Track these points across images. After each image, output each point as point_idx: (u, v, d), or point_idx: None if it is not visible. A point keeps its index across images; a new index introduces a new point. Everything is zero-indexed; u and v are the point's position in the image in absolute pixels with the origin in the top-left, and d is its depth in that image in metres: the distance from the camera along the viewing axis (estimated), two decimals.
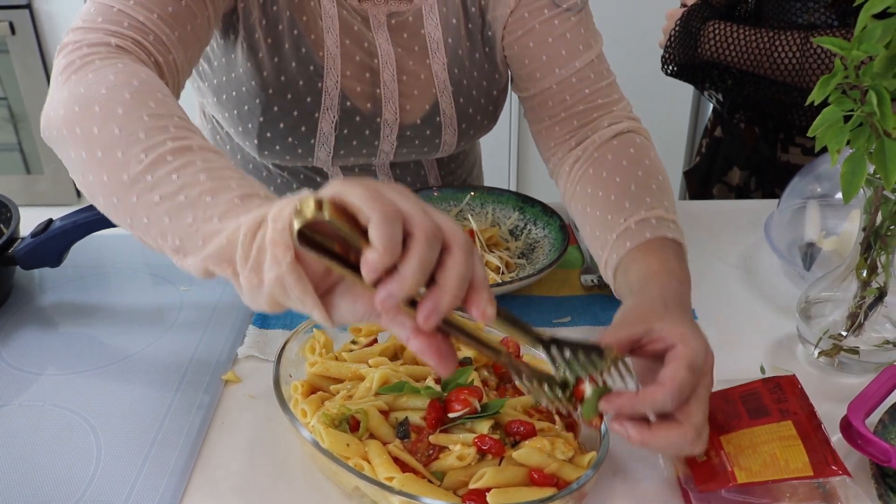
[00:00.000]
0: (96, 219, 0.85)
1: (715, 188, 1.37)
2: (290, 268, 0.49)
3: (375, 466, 0.59)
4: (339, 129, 0.93)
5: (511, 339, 0.72)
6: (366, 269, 0.47)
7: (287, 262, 0.49)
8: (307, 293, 0.50)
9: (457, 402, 0.63)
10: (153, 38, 0.71)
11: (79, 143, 0.62)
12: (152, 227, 0.59)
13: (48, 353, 0.82)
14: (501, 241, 0.97)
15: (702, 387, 0.61)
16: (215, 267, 0.54)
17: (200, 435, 0.71)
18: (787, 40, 1.11)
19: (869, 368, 0.76)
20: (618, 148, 0.87)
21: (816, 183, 0.99)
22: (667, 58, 1.25)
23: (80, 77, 0.65)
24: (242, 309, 0.88)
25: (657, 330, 0.63)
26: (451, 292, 0.49)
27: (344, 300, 0.52)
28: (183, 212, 0.56)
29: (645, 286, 0.71)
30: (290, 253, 0.49)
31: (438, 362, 0.51)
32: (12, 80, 2.39)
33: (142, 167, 0.58)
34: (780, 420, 0.65)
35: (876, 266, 0.73)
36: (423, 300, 0.49)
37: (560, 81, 0.91)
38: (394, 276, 0.47)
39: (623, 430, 0.60)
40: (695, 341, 0.61)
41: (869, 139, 0.63)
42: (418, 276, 0.47)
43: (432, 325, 0.49)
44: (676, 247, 0.76)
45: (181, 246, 0.57)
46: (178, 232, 0.57)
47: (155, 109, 0.62)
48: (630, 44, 2.28)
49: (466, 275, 0.49)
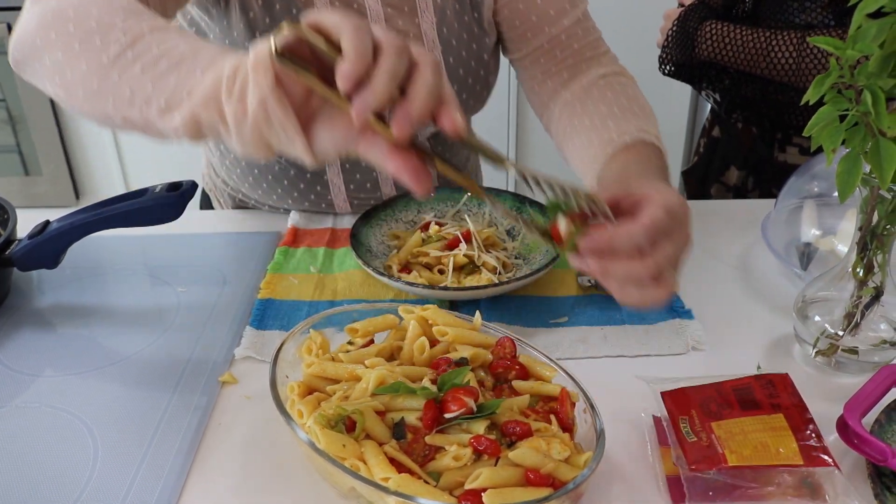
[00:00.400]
0: (94, 220, 0.85)
1: (713, 188, 1.37)
2: (270, 87, 0.52)
3: (371, 467, 0.59)
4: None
5: (508, 339, 0.72)
6: (340, 79, 0.50)
7: (268, 82, 0.52)
8: (288, 117, 0.53)
9: (453, 402, 0.63)
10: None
11: (54, 46, 0.64)
12: (136, 97, 0.60)
13: (45, 354, 0.82)
14: (499, 242, 0.97)
15: (676, 233, 0.63)
16: (202, 110, 0.56)
17: (197, 436, 0.71)
18: (784, 40, 1.11)
19: (865, 368, 0.76)
20: (603, 86, 0.93)
21: (813, 182, 0.99)
22: (664, 57, 1.25)
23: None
24: (240, 310, 0.88)
25: (635, 188, 0.64)
26: (421, 101, 0.51)
27: (323, 129, 0.54)
28: (166, 76, 0.59)
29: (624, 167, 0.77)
30: (270, 73, 0.52)
31: (414, 181, 0.53)
32: (10, 81, 2.39)
33: (121, 47, 0.61)
34: (772, 413, 0.66)
35: (872, 265, 0.73)
36: (396, 111, 0.52)
37: (550, 39, 0.96)
38: (366, 86, 0.50)
39: (583, 264, 0.61)
40: (671, 194, 0.63)
41: (864, 139, 0.63)
42: (389, 83, 0.50)
43: (405, 134, 0.52)
44: (655, 149, 0.81)
45: (166, 105, 0.59)
46: (164, 93, 0.59)
47: (128, 6, 0.65)
48: (627, 43, 2.27)
49: (434, 87, 0.52)
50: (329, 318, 0.75)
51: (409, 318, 0.73)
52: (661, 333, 0.83)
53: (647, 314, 0.86)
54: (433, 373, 0.69)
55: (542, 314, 0.87)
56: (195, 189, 0.85)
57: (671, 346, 0.81)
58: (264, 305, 0.88)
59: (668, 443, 0.67)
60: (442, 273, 0.91)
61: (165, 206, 0.84)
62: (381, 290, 0.91)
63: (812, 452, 0.62)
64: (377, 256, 0.95)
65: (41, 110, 2.43)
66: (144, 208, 0.84)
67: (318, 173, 1.07)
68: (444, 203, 1.03)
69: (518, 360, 0.71)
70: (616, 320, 0.85)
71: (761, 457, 0.62)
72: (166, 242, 1.02)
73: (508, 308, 0.88)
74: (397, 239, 0.98)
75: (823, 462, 0.62)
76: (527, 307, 0.88)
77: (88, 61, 0.62)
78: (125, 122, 0.64)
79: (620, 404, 0.73)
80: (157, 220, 0.85)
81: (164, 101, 0.59)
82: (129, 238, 1.01)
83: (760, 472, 0.62)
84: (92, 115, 0.66)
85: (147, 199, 0.84)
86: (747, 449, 0.63)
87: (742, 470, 0.62)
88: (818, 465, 0.62)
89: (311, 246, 1.00)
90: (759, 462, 0.62)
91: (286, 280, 0.93)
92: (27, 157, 2.51)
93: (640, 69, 2.33)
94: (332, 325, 0.75)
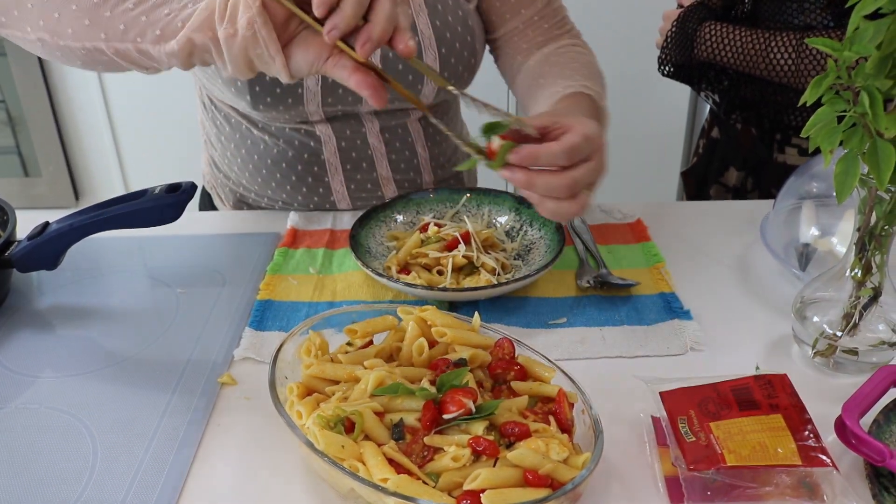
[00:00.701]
0: (93, 221, 0.85)
1: (712, 189, 1.37)
2: (258, 10, 0.63)
3: (370, 468, 0.59)
4: None
5: (507, 340, 0.72)
6: (316, 6, 0.63)
7: (257, 6, 0.63)
8: (271, 36, 0.65)
9: (451, 403, 0.63)
10: None
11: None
12: (130, 30, 0.70)
13: (45, 355, 0.82)
14: (497, 243, 0.97)
15: (592, 157, 0.74)
16: (196, 34, 0.67)
17: (197, 437, 0.71)
18: (783, 41, 1.11)
19: (864, 369, 0.76)
20: (562, 53, 1.05)
21: (812, 183, 0.99)
22: (663, 58, 1.25)
23: None
24: (239, 311, 0.88)
25: (562, 120, 0.75)
26: (381, 24, 0.64)
27: (298, 49, 0.67)
28: (157, 9, 0.69)
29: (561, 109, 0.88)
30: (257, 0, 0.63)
31: (372, 94, 0.67)
32: (10, 83, 2.40)
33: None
34: (770, 413, 0.66)
35: (871, 266, 0.73)
36: (360, 34, 0.64)
37: (525, 20, 1.07)
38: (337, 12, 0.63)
39: (511, 175, 0.72)
40: (591, 125, 0.74)
41: (862, 140, 0.63)
42: (356, 8, 0.63)
43: (367, 53, 0.64)
44: (593, 101, 0.92)
45: (161, 34, 0.69)
46: (158, 24, 0.69)
47: None
48: (627, 44, 2.28)
49: (392, 15, 0.64)
50: (328, 319, 0.75)
51: (408, 319, 0.73)
52: (660, 334, 0.83)
53: (646, 315, 0.86)
54: (432, 374, 0.69)
55: (540, 315, 0.87)
56: (194, 190, 0.85)
57: (669, 347, 0.81)
58: (263, 306, 0.88)
59: (667, 443, 0.67)
60: (441, 274, 0.91)
61: (165, 208, 0.84)
62: (381, 291, 0.91)
63: (810, 453, 0.63)
64: (376, 258, 0.95)
65: (41, 111, 2.43)
66: (144, 209, 0.84)
67: (320, 176, 1.07)
68: (443, 204, 1.03)
69: (517, 361, 0.71)
70: (614, 321, 0.85)
71: (760, 457, 0.62)
72: (165, 243, 1.02)
73: (507, 309, 0.88)
74: (396, 240, 0.98)
75: (822, 462, 0.62)
76: (525, 308, 0.88)
77: (78, 3, 0.69)
78: (116, 54, 0.72)
79: (619, 405, 0.73)
80: (157, 222, 0.85)
81: (160, 30, 0.68)
82: (128, 239, 1.02)
83: (759, 472, 0.62)
84: (78, 52, 0.73)
85: (146, 201, 0.84)
86: (746, 449, 0.63)
87: (740, 470, 0.62)
88: (816, 466, 0.62)
89: (310, 247, 1.00)
90: (757, 462, 0.62)
91: (285, 281, 0.93)
92: (26, 159, 2.52)
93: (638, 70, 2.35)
94: (331, 326, 0.75)
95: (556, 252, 0.90)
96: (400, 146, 1.10)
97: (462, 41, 1.03)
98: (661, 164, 2.48)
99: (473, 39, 1.05)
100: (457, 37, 1.02)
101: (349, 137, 1.07)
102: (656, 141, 2.44)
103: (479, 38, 1.07)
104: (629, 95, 2.36)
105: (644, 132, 2.41)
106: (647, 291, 0.90)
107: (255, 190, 1.13)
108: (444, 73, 1.02)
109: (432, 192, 1.03)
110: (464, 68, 1.05)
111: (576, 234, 1.01)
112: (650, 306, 0.88)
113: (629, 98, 2.36)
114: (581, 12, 2.21)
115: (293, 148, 1.07)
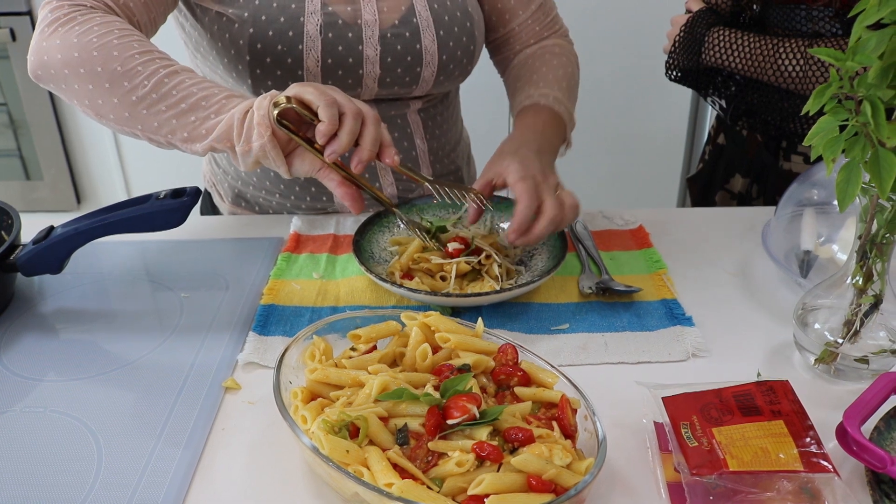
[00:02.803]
0: (98, 226, 0.85)
1: (717, 195, 1.37)
2: (269, 139, 0.80)
3: (375, 473, 0.60)
4: (325, 34, 1.00)
5: (510, 345, 0.72)
6: (319, 136, 0.80)
7: (267, 135, 0.80)
8: (278, 155, 0.82)
9: (455, 408, 0.64)
10: (122, 2, 0.91)
11: (84, 79, 0.84)
12: (162, 128, 0.84)
13: (49, 359, 0.82)
14: (501, 248, 0.97)
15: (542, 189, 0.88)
16: (218, 144, 0.82)
17: (201, 441, 0.71)
18: (791, 48, 1.11)
19: (865, 376, 0.77)
20: (537, 55, 1.14)
21: (813, 191, 0.99)
22: (671, 63, 1.25)
23: (69, 29, 0.85)
24: (242, 316, 0.88)
25: (499, 172, 0.92)
26: (368, 148, 0.82)
27: (297, 160, 0.84)
28: (186, 114, 0.83)
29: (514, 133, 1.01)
30: (269, 130, 0.80)
31: (352, 204, 0.83)
32: (13, 86, 2.40)
33: (146, 90, 0.83)
34: (772, 419, 0.66)
35: (872, 274, 0.73)
36: (353, 156, 0.82)
37: (521, 23, 1.15)
38: (335, 140, 0.81)
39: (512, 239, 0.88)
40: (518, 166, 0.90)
41: (864, 149, 0.64)
42: (350, 137, 0.80)
43: (360, 170, 0.82)
44: (549, 111, 1.04)
45: (188, 137, 0.83)
46: (186, 128, 0.83)
47: (140, 48, 0.84)
48: (629, 49, 2.29)
49: (377, 137, 0.82)
50: (332, 325, 0.76)
51: (412, 324, 0.74)
52: (662, 340, 0.84)
53: (648, 321, 0.86)
54: (436, 379, 0.69)
55: (543, 321, 0.87)
56: (199, 195, 0.85)
57: (671, 353, 0.82)
58: (267, 311, 0.89)
59: (669, 448, 0.68)
60: (444, 280, 0.92)
61: (169, 212, 0.84)
62: (384, 297, 0.91)
63: (812, 459, 0.63)
64: (379, 263, 0.95)
65: (43, 115, 2.43)
66: (148, 214, 0.84)
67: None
68: (446, 210, 1.04)
69: (520, 367, 0.71)
70: (617, 327, 0.86)
71: (762, 462, 0.63)
72: (169, 248, 1.02)
73: (510, 315, 0.88)
74: (399, 245, 0.99)
75: (823, 468, 0.62)
76: (528, 314, 0.88)
77: (119, 98, 0.83)
78: (150, 141, 0.86)
79: (621, 410, 0.73)
80: (162, 226, 0.85)
81: (187, 134, 0.83)
82: (131, 244, 1.02)
83: (761, 477, 0.63)
84: (119, 131, 0.87)
85: (151, 206, 0.84)
86: (748, 454, 0.63)
87: (742, 475, 0.62)
88: (818, 472, 0.62)
89: (313, 252, 1.01)
90: (759, 467, 0.62)
91: (289, 286, 0.94)
92: (28, 162, 2.52)
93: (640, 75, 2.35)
94: (334, 331, 0.76)
95: (558, 258, 0.91)
96: (399, 136, 1.12)
97: (461, 26, 1.06)
98: (662, 170, 2.49)
99: (472, 26, 1.07)
100: (455, 21, 1.05)
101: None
102: (658, 147, 2.44)
103: (478, 27, 1.09)
104: (631, 99, 2.37)
105: (646, 138, 2.42)
106: (649, 298, 0.91)
107: (252, 183, 1.14)
108: (444, 56, 1.05)
109: (436, 199, 1.04)
110: (462, 54, 1.07)
111: (578, 240, 1.02)
112: (652, 313, 0.88)
113: (631, 101, 2.37)
114: (586, 18, 2.24)
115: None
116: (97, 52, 0.83)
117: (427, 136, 1.14)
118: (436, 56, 1.05)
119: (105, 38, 0.83)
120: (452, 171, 1.21)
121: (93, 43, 0.83)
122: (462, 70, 1.10)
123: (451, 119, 1.21)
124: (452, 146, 1.21)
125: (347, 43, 1.01)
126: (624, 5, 2.25)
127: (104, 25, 0.85)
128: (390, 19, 1.03)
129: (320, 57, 1.00)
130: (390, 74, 1.05)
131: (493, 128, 2.03)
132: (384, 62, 1.03)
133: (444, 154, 1.18)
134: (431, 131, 1.15)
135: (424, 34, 1.03)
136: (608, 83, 2.31)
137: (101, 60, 0.83)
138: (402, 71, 1.05)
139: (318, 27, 1.00)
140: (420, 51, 1.04)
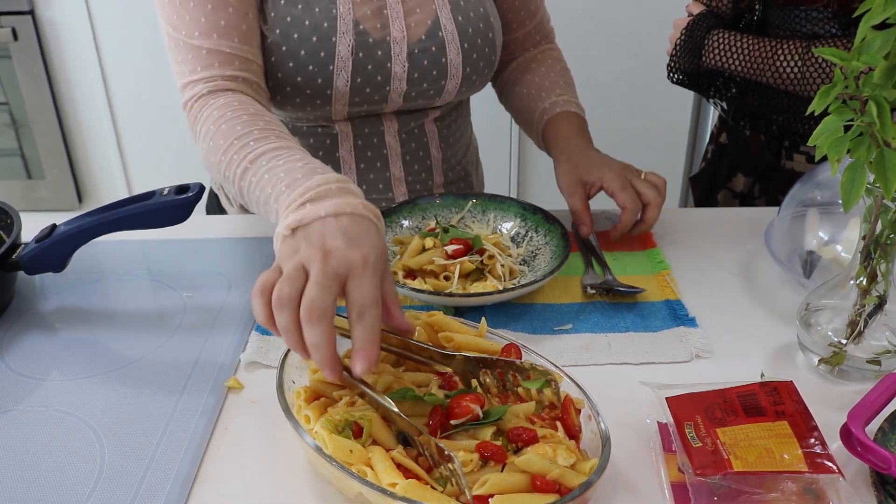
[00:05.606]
0: (101, 223, 0.85)
1: (720, 194, 1.37)
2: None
3: (378, 472, 0.60)
4: (356, 54, 0.99)
5: (514, 345, 0.72)
6: (361, 371, 0.64)
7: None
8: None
9: (459, 408, 0.64)
10: (239, 62, 0.94)
11: (208, 147, 0.88)
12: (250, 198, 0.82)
13: (51, 358, 0.82)
14: (504, 248, 0.97)
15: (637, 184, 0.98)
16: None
17: (204, 441, 0.71)
18: (789, 49, 1.12)
19: (869, 376, 0.77)
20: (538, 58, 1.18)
21: (816, 191, 0.99)
22: (672, 66, 1.26)
23: (196, 134, 0.91)
24: (245, 315, 0.88)
25: (588, 182, 0.99)
26: (368, 350, 0.64)
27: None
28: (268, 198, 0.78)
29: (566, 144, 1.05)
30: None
31: (331, 377, 0.65)
32: (14, 85, 2.40)
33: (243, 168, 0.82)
34: (776, 420, 0.66)
35: (876, 274, 0.73)
36: (353, 360, 0.64)
37: (525, 32, 1.18)
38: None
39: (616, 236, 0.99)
40: (609, 172, 0.98)
41: (869, 149, 0.64)
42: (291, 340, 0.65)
43: (365, 374, 0.64)
44: (578, 117, 1.09)
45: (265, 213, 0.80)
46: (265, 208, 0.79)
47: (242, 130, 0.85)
48: (631, 50, 2.29)
49: (374, 335, 0.64)
50: None
51: (415, 324, 0.74)
52: (665, 341, 0.83)
53: (652, 322, 0.86)
54: (440, 379, 0.69)
55: (546, 321, 0.87)
56: (203, 191, 0.85)
57: (675, 354, 0.82)
58: None
59: (673, 449, 0.67)
60: (447, 279, 0.91)
61: (173, 209, 0.84)
62: None
63: (816, 459, 0.63)
64: None
65: (44, 114, 2.43)
66: (152, 211, 0.84)
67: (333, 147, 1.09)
68: (449, 209, 1.04)
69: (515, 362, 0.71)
70: (620, 328, 0.86)
71: (766, 463, 0.63)
72: (171, 247, 1.02)
73: (513, 315, 0.88)
74: (402, 245, 0.99)
75: (827, 469, 0.62)
76: (531, 314, 0.88)
77: (226, 166, 0.84)
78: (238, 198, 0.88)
79: (625, 411, 0.73)
80: (166, 223, 0.85)
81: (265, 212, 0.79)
82: (133, 243, 1.02)
83: (765, 478, 0.63)
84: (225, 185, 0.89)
85: (155, 202, 0.84)
86: (752, 455, 0.63)
87: (747, 476, 0.62)
88: (822, 472, 0.62)
89: None
90: (763, 468, 0.62)
91: None
92: (30, 161, 2.52)
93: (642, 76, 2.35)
94: None
95: (561, 258, 0.91)
96: (415, 146, 1.11)
97: (484, 37, 1.06)
98: (665, 169, 2.47)
99: (494, 36, 1.08)
100: (479, 33, 1.05)
101: (367, 136, 1.08)
102: (660, 147, 2.44)
103: (498, 36, 1.10)
104: (634, 100, 2.36)
105: (648, 137, 2.42)
106: (653, 298, 0.91)
107: None
108: (467, 68, 1.05)
109: (438, 198, 1.04)
110: (485, 64, 1.07)
111: (581, 240, 1.02)
112: (656, 313, 0.88)
113: (634, 102, 2.37)
114: (589, 18, 2.24)
115: (308, 145, 1.09)
116: (221, 133, 0.87)
117: (442, 144, 1.15)
118: (460, 69, 1.05)
119: (217, 142, 0.87)
120: (462, 178, 1.21)
121: (220, 126, 0.87)
122: (483, 79, 1.10)
123: (464, 126, 1.21)
124: (464, 153, 1.21)
125: (377, 61, 1.01)
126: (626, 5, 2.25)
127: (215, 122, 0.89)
128: (417, 34, 1.02)
129: (350, 78, 1.00)
130: (416, 89, 1.04)
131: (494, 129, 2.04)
132: (411, 78, 1.03)
133: (455, 161, 1.18)
134: (446, 139, 1.15)
135: (450, 47, 1.03)
136: (611, 83, 2.31)
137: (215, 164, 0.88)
138: (427, 85, 1.05)
139: (349, 48, 0.99)
140: (445, 64, 1.04)
